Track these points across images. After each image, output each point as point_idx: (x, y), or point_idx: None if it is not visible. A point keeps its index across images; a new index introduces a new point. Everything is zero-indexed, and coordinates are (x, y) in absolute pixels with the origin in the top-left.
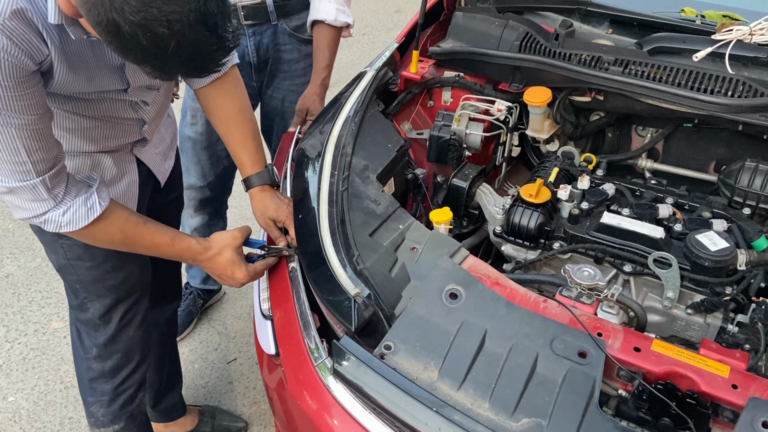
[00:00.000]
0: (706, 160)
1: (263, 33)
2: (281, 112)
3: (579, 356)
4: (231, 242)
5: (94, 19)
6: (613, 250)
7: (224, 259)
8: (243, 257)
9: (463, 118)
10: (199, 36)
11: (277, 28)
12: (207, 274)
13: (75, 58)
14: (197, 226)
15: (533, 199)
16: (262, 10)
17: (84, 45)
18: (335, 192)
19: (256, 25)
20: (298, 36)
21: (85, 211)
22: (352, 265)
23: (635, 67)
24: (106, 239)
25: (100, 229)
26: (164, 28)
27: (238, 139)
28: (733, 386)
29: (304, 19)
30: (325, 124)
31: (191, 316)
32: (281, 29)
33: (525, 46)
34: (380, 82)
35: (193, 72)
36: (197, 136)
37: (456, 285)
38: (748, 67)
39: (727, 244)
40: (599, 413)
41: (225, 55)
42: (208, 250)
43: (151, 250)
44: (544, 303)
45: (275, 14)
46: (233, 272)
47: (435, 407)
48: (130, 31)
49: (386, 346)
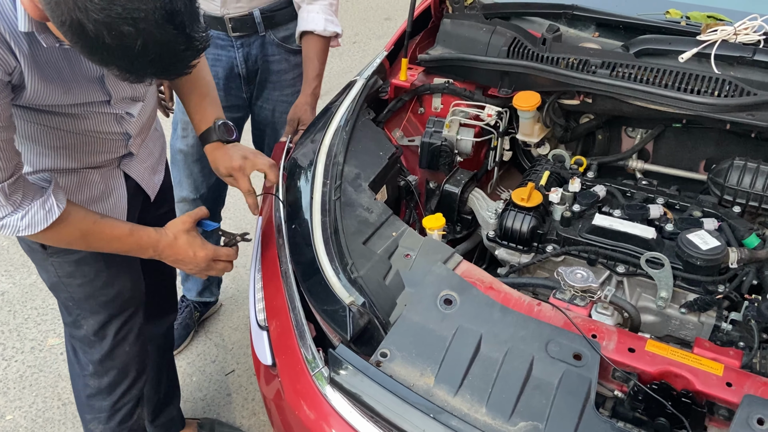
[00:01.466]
0: (695, 160)
1: (251, 44)
2: (272, 122)
3: (574, 358)
4: (182, 226)
5: (58, 19)
6: (606, 251)
7: (181, 243)
8: (201, 238)
9: (454, 124)
10: (166, 35)
11: (265, 39)
12: (203, 287)
13: (48, 68)
14: None
15: (525, 203)
16: (250, 21)
17: (57, 54)
18: (328, 201)
19: (244, 37)
20: (286, 46)
21: (44, 214)
22: (347, 274)
23: (622, 69)
24: (65, 239)
25: (59, 231)
26: (129, 26)
27: (191, 100)
28: (728, 384)
29: (292, 30)
30: (316, 134)
31: (188, 329)
32: (269, 40)
33: (513, 51)
34: (370, 90)
35: (163, 73)
36: (188, 148)
37: (450, 291)
38: (733, 67)
39: (719, 243)
40: (596, 415)
41: (195, 56)
42: (165, 236)
43: (111, 244)
44: (538, 306)
45: (263, 25)
46: (195, 252)
47: (432, 413)
48: (94, 30)
49: (382, 353)
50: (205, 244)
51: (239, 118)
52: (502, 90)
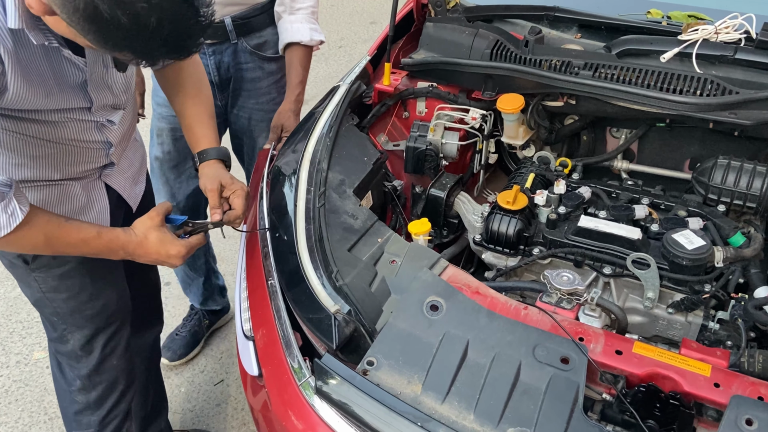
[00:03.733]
0: (680, 159)
1: (223, 52)
2: (249, 130)
3: (562, 362)
4: (150, 222)
5: (71, 5)
6: (592, 253)
7: (152, 241)
8: (171, 234)
9: (439, 127)
10: (176, 8)
11: (237, 47)
12: (205, 295)
13: (31, 70)
14: None
15: (511, 206)
16: (221, 29)
17: (40, 56)
18: (312, 208)
19: (216, 44)
20: (260, 54)
21: (6, 218)
22: (331, 282)
23: (604, 70)
24: (29, 245)
25: (23, 235)
26: (143, 2)
27: (194, 115)
28: (716, 385)
29: (266, 38)
30: (300, 141)
31: (197, 338)
32: (241, 48)
33: (496, 54)
34: (354, 95)
35: (175, 52)
36: (163, 155)
37: (436, 296)
38: (715, 66)
39: (704, 242)
40: (584, 419)
41: (203, 32)
42: (134, 236)
43: (79, 247)
44: (525, 310)
45: (234, 33)
46: (167, 251)
47: (419, 422)
48: (109, 11)
49: (369, 362)
50: (175, 240)
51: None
52: (485, 93)
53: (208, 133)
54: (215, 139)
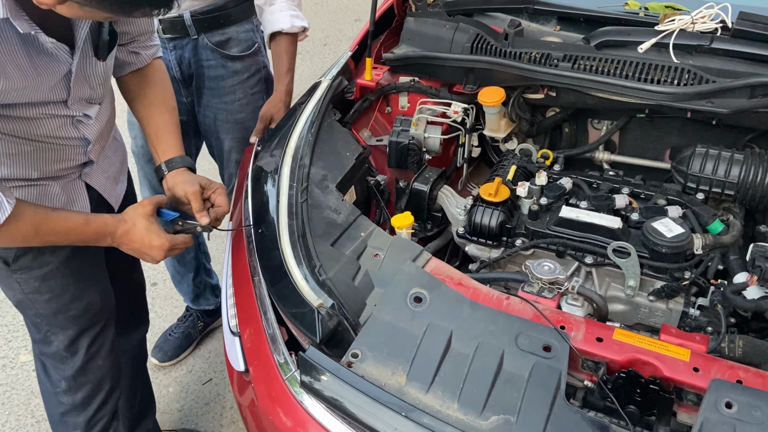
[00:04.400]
0: (661, 149)
1: (184, 47)
2: (215, 130)
3: (544, 350)
4: (141, 210)
5: None
6: (574, 243)
7: (139, 229)
8: (158, 225)
9: (421, 122)
10: None
11: (197, 42)
12: (196, 292)
13: (8, 61)
14: None
15: (493, 198)
16: (180, 24)
17: (17, 47)
18: (294, 204)
19: (176, 39)
20: (222, 52)
21: None
22: (315, 276)
23: (583, 62)
24: (20, 237)
25: (12, 228)
26: None
27: (159, 124)
28: (695, 369)
29: (229, 35)
30: (282, 137)
31: (190, 339)
32: (202, 44)
33: (476, 47)
34: (335, 91)
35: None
36: (138, 149)
37: (420, 288)
38: (692, 55)
39: (683, 230)
40: (566, 405)
41: None
42: (123, 223)
43: (68, 236)
44: (507, 300)
45: (194, 28)
46: (150, 241)
47: (404, 412)
48: None
49: (353, 354)
50: (161, 233)
51: (183, 122)
52: (467, 86)
53: (176, 143)
54: (182, 148)
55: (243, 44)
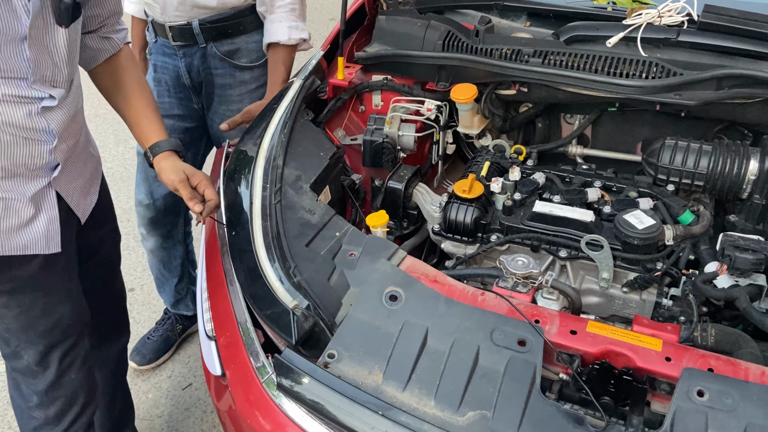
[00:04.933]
0: (633, 142)
1: (193, 55)
2: (223, 137)
3: (519, 344)
4: None
5: None
6: (548, 237)
7: None
8: None
9: (395, 120)
10: None
11: (206, 51)
12: (177, 297)
13: None
14: (153, 248)
15: (467, 195)
16: (188, 32)
17: None
18: (268, 205)
19: (186, 47)
20: (230, 61)
21: None
22: (289, 278)
23: (553, 57)
24: None
25: None
26: None
27: (139, 110)
28: (667, 359)
29: (239, 45)
30: (254, 138)
31: (168, 342)
32: (211, 53)
33: (447, 44)
34: (308, 91)
35: None
36: None
37: (395, 287)
38: (660, 49)
39: (654, 222)
40: (542, 398)
41: None
42: None
43: None
44: (482, 296)
45: (202, 37)
46: None
47: (381, 410)
48: None
49: (329, 354)
50: None
51: (194, 127)
52: (439, 84)
53: (156, 127)
54: (164, 132)
55: (252, 54)
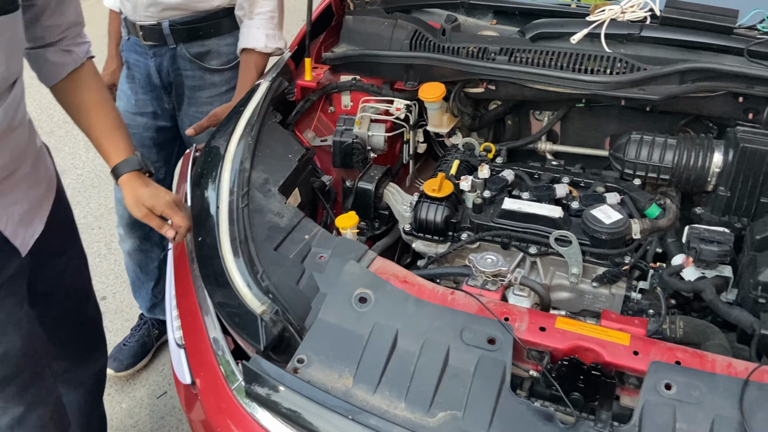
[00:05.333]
0: (601, 137)
1: (163, 55)
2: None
3: (489, 343)
4: None
5: None
6: (518, 234)
7: None
8: None
9: (364, 120)
10: None
11: (176, 52)
12: (153, 301)
13: None
14: (130, 250)
15: (437, 194)
16: (158, 32)
17: None
18: (235, 209)
19: (156, 47)
20: (200, 63)
21: None
22: (257, 282)
23: (519, 54)
24: None
25: None
26: None
27: (101, 130)
28: (634, 353)
29: (210, 47)
30: (221, 142)
31: (145, 348)
32: (180, 54)
33: (415, 44)
34: (276, 93)
35: None
36: None
37: (364, 288)
38: (623, 45)
39: (621, 216)
40: (512, 396)
41: None
42: None
43: None
44: (452, 295)
45: (172, 38)
46: None
47: (351, 415)
48: None
49: (299, 359)
50: None
51: (168, 127)
52: (408, 83)
53: (119, 146)
54: (124, 149)
55: (223, 57)
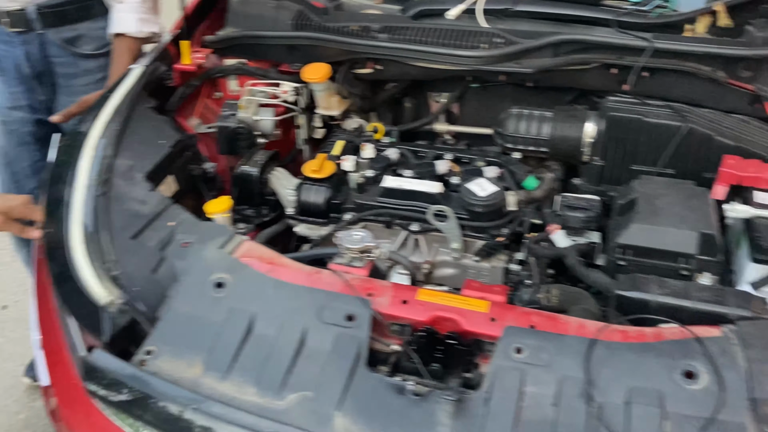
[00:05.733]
0: (496, 116)
1: (31, 42)
2: None
3: (348, 320)
4: None
5: None
6: (399, 212)
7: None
8: None
9: (250, 104)
10: None
11: (44, 38)
12: None
13: None
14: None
15: (318, 175)
16: (23, 17)
17: None
18: (91, 198)
19: (23, 34)
20: (72, 49)
21: None
22: (107, 273)
23: (401, 32)
24: None
25: None
26: None
27: None
28: (492, 320)
29: (80, 32)
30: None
31: None
32: (49, 40)
33: (299, 24)
34: (151, 77)
35: None
36: None
37: (222, 273)
38: (501, 20)
39: (496, 188)
40: (366, 373)
41: None
42: None
43: None
44: (317, 274)
45: (39, 23)
46: None
47: (194, 404)
48: None
49: (147, 351)
50: None
51: (46, 121)
52: (293, 65)
53: None
54: None
55: (96, 42)
